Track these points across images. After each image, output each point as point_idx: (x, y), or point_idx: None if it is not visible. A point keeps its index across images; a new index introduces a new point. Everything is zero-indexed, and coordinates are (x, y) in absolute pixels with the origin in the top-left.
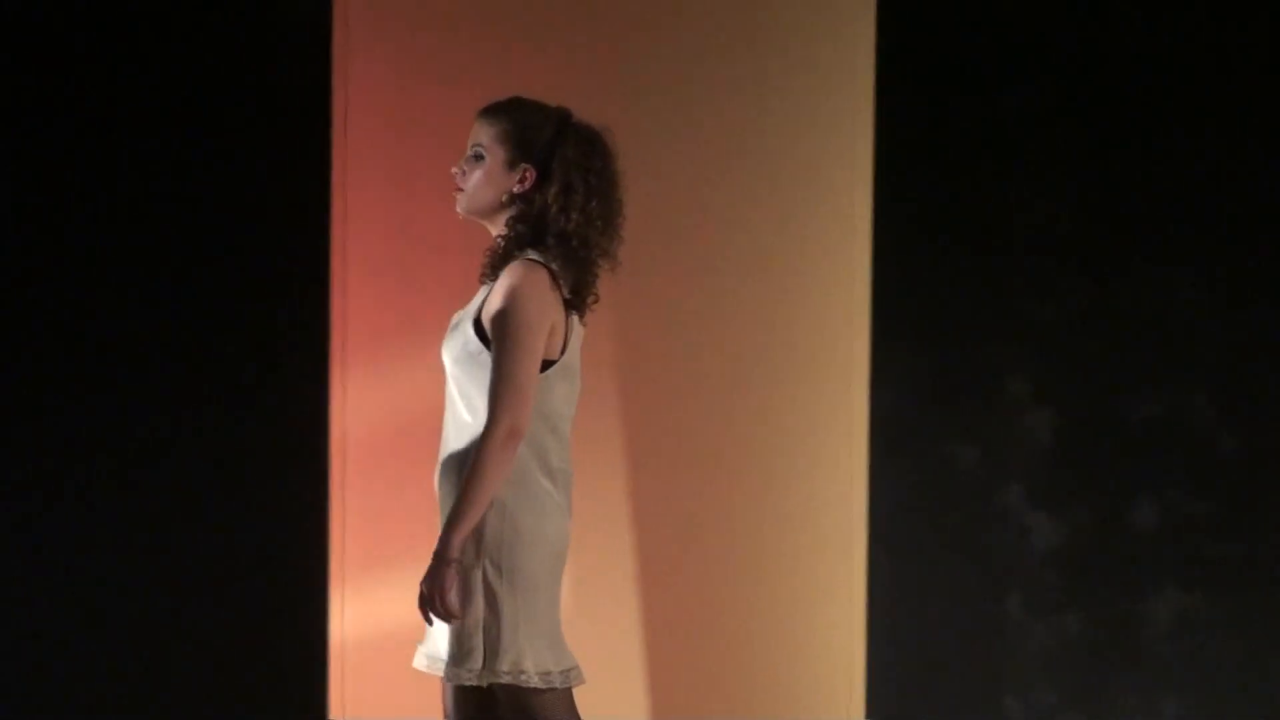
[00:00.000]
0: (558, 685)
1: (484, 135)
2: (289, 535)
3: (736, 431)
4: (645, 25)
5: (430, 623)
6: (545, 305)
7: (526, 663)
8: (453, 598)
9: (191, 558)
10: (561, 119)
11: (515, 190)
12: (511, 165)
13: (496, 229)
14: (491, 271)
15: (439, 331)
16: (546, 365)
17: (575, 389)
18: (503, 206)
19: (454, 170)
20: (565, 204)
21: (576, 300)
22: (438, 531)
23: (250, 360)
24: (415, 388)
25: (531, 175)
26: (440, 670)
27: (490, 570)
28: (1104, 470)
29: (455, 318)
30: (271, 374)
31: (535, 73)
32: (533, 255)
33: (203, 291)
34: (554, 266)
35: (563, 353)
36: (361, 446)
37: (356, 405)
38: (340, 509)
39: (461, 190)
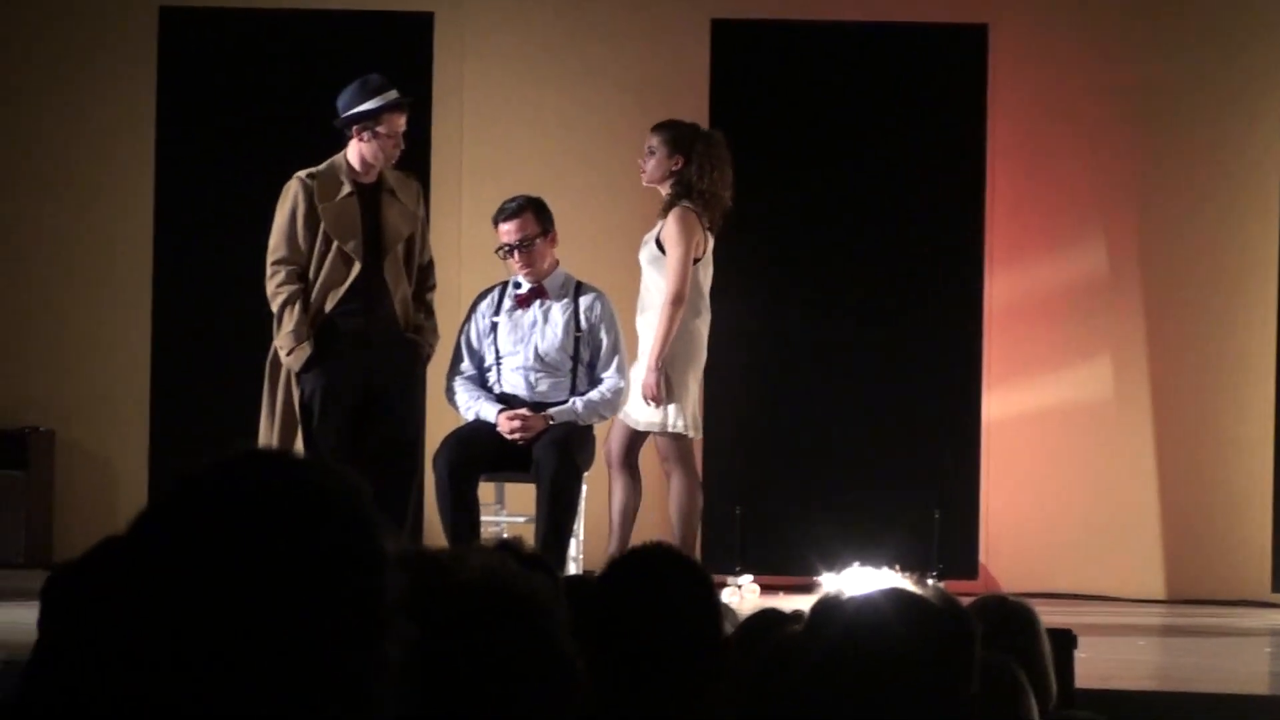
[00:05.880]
0: (690, 435)
1: (654, 140)
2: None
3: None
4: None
5: (648, 404)
6: (693, 231)
7: (679, 420)
8: (659, 390)
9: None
10: (693, 129)
11: (673, 170)
12: (670, 156)
13: (665, 190)
14: (664, 212)
15: (1063, 236)
16: (695, 262)
17: (710, 274)
18: (666, 179)
19: (639, 162)
20: (700, 175)
21: (712, 228)
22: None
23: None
24: (1052, 285)
25: (680, 160)
26: (637, 425)
27: (667, 373)
28: None
29: (645, 237)
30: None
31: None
32: (686, 203)
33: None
34: (697, 209)
35: (703, 254)
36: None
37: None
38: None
39: (644, 173)
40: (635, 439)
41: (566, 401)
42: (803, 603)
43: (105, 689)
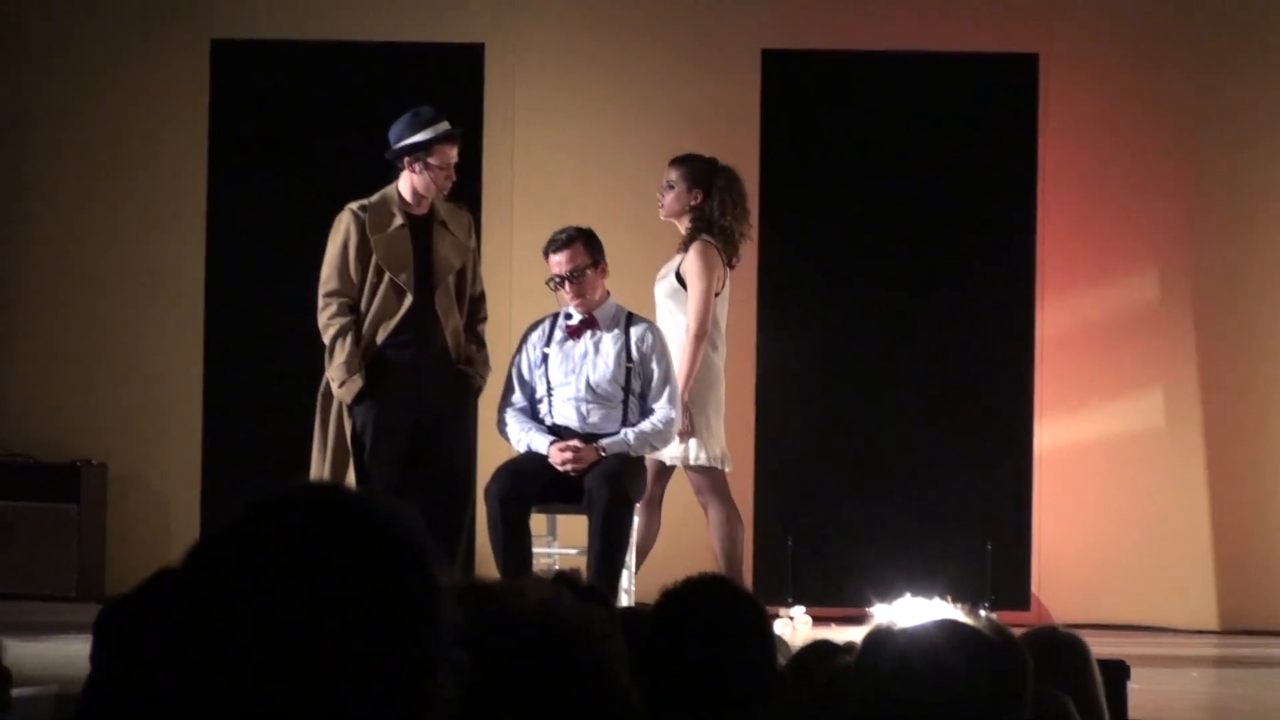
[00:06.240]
0: (720, 467)
1: (673, 174)
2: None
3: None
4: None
5: (677, 440)
6: (714, 265)
7: (703, 453)
8: (685, 423)
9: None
10: (711, 163)
11: (692, 204)
12: (689, 190)
13: (683, 225)
14: (684, 247)
15: (1114, 265)
16: (714, 296)
17: (727, 309)
18: (684, 214)
19: (657, 195)
20: (720, 211)
21: (730, 262)
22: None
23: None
24: (1102, 308)
25: (700, 195)
26: (672, 460)
27: (692, 406)
28: None
29: (662, 270)
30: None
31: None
32: (706, 238)
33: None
34: (718, 244)
35: (722, 289)
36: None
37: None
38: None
39: (662, 206)
40: (661, 474)
41: (618, 432)
42: (855, 634)
43: None
